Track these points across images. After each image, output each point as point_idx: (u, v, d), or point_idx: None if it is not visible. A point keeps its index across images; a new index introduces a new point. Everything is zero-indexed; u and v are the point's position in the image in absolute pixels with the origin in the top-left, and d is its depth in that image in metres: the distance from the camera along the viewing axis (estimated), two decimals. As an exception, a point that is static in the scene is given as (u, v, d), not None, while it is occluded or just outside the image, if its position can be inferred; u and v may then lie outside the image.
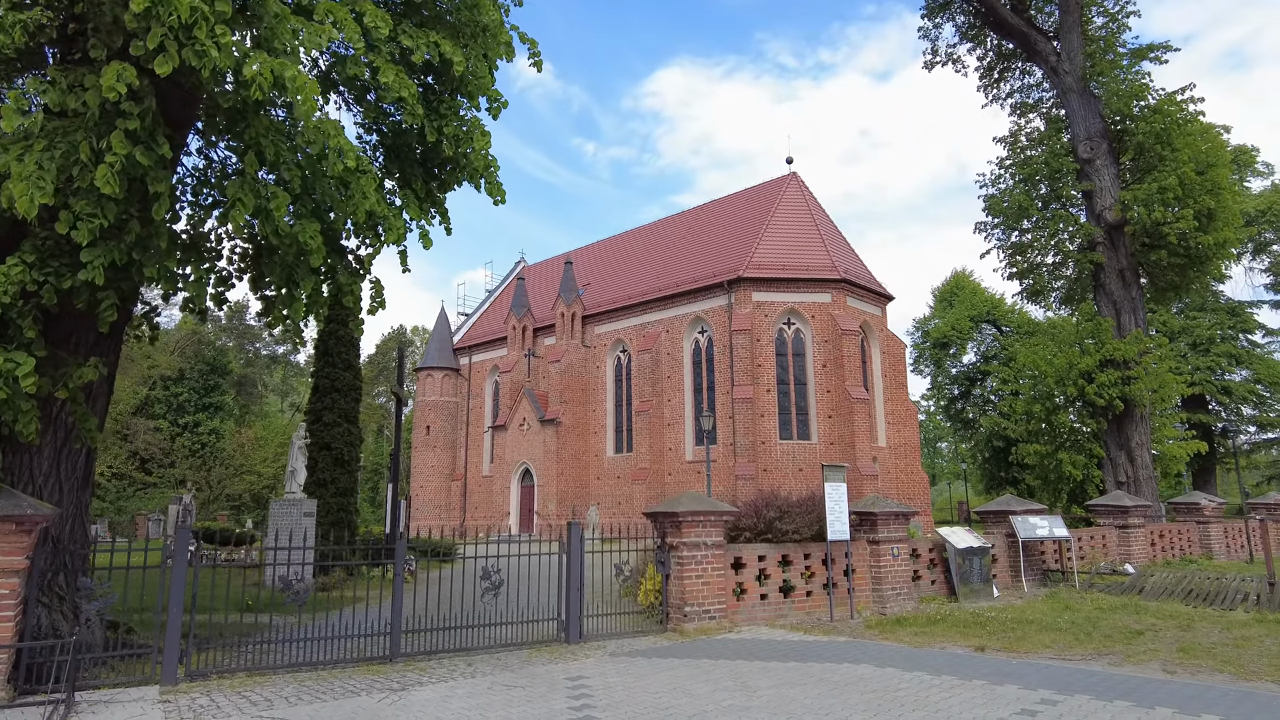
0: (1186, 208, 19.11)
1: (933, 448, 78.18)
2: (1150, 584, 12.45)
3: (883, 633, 9.97)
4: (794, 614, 11.05)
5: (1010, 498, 14.73)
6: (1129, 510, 16.59)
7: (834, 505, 11.07)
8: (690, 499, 10.39)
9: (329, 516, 17.46)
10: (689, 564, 10.08)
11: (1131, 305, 21.40)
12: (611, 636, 9.75)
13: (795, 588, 11.18)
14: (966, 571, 12.70)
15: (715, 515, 10.31)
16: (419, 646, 8.81)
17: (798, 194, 37.77)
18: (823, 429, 31.81)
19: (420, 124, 8.21)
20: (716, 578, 10.26)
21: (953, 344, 42.52)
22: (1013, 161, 23.47)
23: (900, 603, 11.76)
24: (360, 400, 19.01)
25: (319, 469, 17.80)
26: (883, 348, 34.76)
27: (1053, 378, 21.16)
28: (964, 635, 9.60)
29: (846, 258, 35.46)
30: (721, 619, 10.21)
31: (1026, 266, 23.39)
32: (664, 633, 10.04)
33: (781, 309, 32.98)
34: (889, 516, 11.90)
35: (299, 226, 7.00)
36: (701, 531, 10.21)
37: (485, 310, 50.26)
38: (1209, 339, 34.45)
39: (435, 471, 45.14)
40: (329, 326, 18.78)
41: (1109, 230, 21.61)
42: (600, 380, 38.64)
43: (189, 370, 53.92)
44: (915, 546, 12.81)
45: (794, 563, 11.25)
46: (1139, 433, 20.74)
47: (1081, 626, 9.96)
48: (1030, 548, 14.31)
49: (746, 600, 10.74)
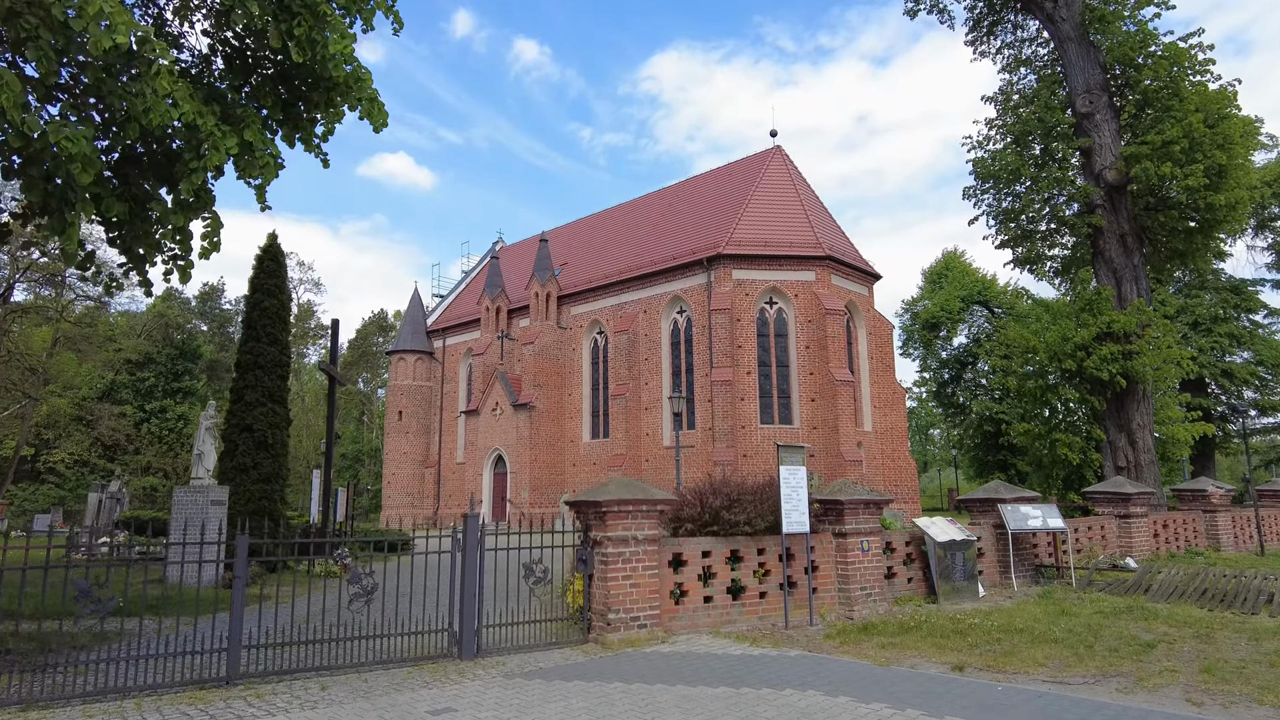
0: (1196, 163, 17.35)
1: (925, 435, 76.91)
2: (1158, 582, 10.86)
3: (844, 643, 8.38)
4: (744, 619, 9.45)
5: (999, 484, 13.11)
6: (1130, 498, 15.03)
7: (791, 492, 9.45)
8: (618, 485, 8.77)
9: (249, 505, 15.80)
10: (614, 562, 8.46)
11: (1133, 273, 19.59)
12: (519, 650, 8.13)
13: (746, 588, 9.57)
14: (948, 568, 11.11)
15: (648, 505, 8.69)
16: (271, 664, 7.19)
17: (782, 168, 36.02)
18: (805, 413, 30.25)
19: (260, 24, 6.51)
20: (648, 579, 8.64)
21: (943, 325, 40.82)
22: (1003, 121, 21.59)
23: (870, 605, 10.17)
24: (288, 378, 17.33)
25: (239, 453, 16.12)
26: (869, 328, 33.15)
27: (1045, 353, 19.46)
28: (940, 648, 8.00)
29: (832, 234, 33.78)
30: (654, 627, 8.60)
31: (1019, 233, 21.54)
32: (584, 644, 8.43)
33: (763, 288, 31.32)
34: (858, 505, 10.28)
35: (56, 129, 5.29)
36: (631, 524, 8.58)
37: (461, 292, 48.51)
38: (1211, 318, 32.85)
39: (408, 458, 43.52)
40: (254, 297, 17.11)
41: (1109, 191, 19.79)
42: (576, 363, 37.00)
43: (157, 354, 52.06)
44: (890, 539, 11.22)
45: (745, 559, 9.64)
46: (1140, 413, 19.03)
47: (1081, 636, 8.37)
48: (1021, 540, 12.73)
49: (687, 604, 9.14)
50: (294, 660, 7.24)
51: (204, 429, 14.04)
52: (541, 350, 36.49)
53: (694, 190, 39.53)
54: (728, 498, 9.61)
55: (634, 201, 43.77)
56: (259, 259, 17.41)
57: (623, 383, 33.80)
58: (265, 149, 6.92)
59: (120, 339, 51.67)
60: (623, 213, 43.19)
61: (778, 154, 36.69)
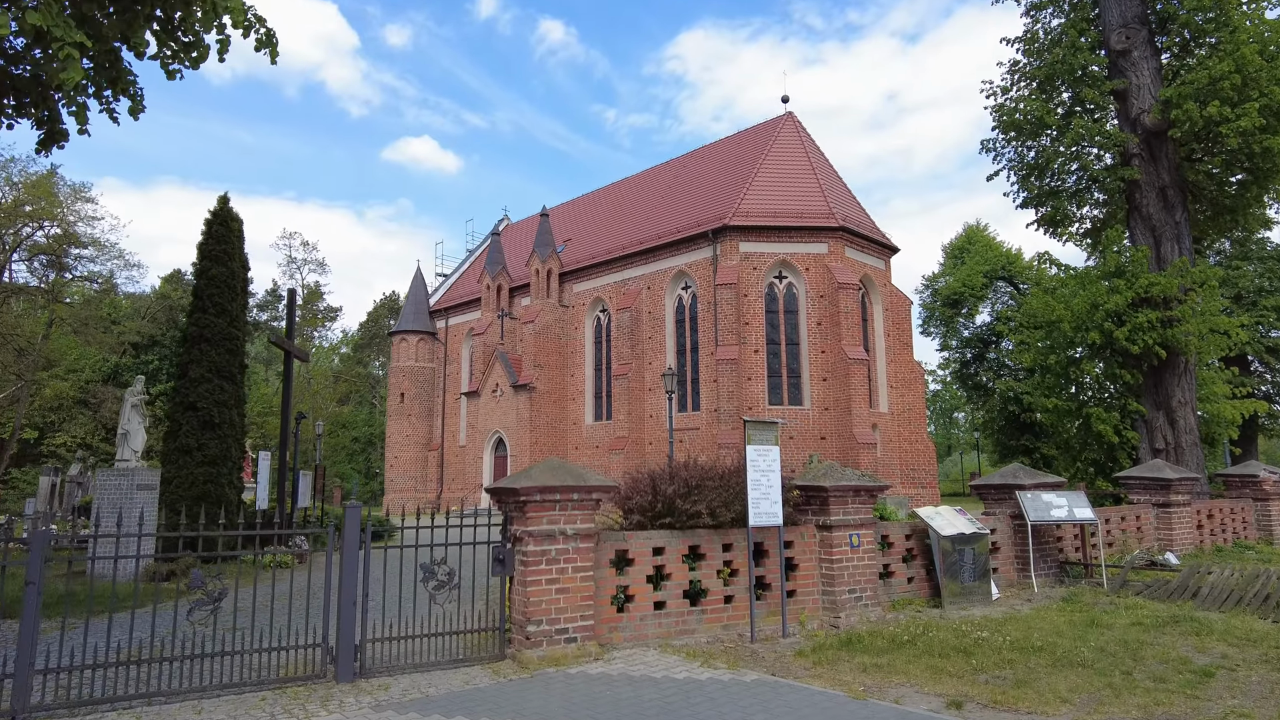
0: (1249, 101, 15.21)
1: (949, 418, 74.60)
2: (1208, 585, 9.11)
3: (818, 663, 6.79)
4: (704, 629, 7.89)
5: (1018, 467, 11.34)
6: (1171, 484, 13.21)
7: (760, 477, 7.83)
8: (545, 469, 7.21)
9: (193, 489, 14.50)
10: (535, 563, 6.93)
11: (1175, 231, 17.40)
12: (416, 669, 6.64)
13: (708, 591, 8.00)
14: (955, 565, 9.45)
15: (581, 493, 7.13)
16: (87, 691, 5.76)
17: (794, 136, 34.05)
18: (816, 393, 28.52)
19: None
20: (580, 582, 7.10)
21: (965, 303, 38.62)
22: (1027, 64, 19.35)
23: (860, 610, 8.56)
24: (240, 353, 15.97)
25: (183, 433, 14.81)
26: (886, 304, 31.24)
27: (1070, 322, 17.49)
28: (936, 672, 6.38)
29: (846, 204, 31.83)
30: (586, 641, 7.06)
31: (1043, 191, 19.42)
32: (499, 662, 6.92)
33: (772, 261, 29.52)
34: (845, 492, 8.64)
35: None
36: (559, 516, 7.04)
37: (465, 271, 47.15)
38: (1255, 290, 30.49)
39: (410, 441, 42.42)
40: (202, 265, 15.74)
41: (1147, 137, 17.66)
42: (579, 343, 35.49)
43: (161, 337, 51.37)
44: (886, 532, 9.56)
45: (708, 557, 8.06)
46: (1182, 389, 16.99)
47: (1116, 658, 6.70)
48: (1043, 533, 11.01)
49: (633, 611, 7.59)
50: (110, 688, 5.80)
51: (129, 406, 12.71)
52: (542, 329, 35.03)
53: (702, 161, 37.69)
54: (686, 483, 8.01)
55: (640, 175, 42.00)
56: (208, 223, 16.03)
57: (625, 362, 32.25)
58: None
59: (124, 321, 51.03)
60: (628, 186, 41.46)
61: (789, 121, 34.72)
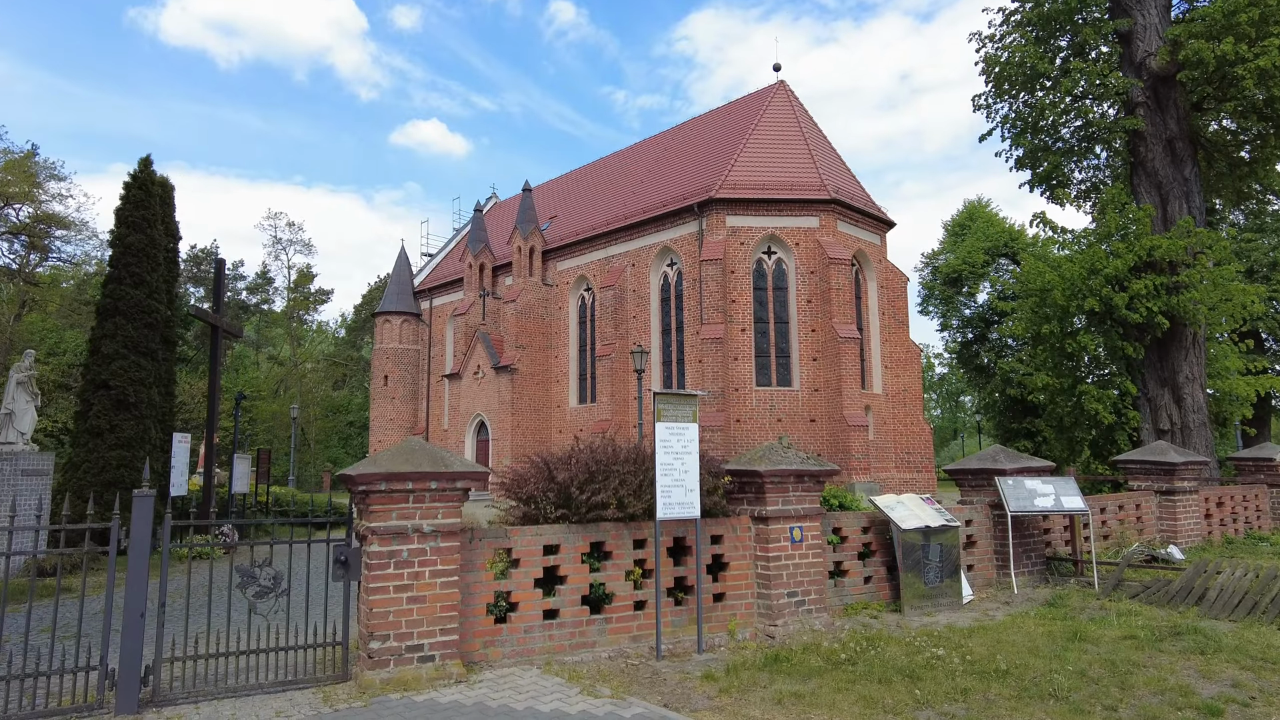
0: (1270, 38, 13.53)
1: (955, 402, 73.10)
2: (1216, 588, 7.74)
3: (727, 690, 5.49)
4: (608, 641, 6.60)
5: (998, 449, 9.94)
6: (1176, 469, 11.82)
7: (673, 460, 6.51)
8: (397, 452, 5.92)
9: (104, 475, 13.36)
10: (382, 566, 5.65)
11: (1183, 187, 15.76)
12: (231, 694, 5.38)
13: (614, 596, 6.71)
14: (919, 563, 8.12)
15: (443, 481, 5.83)
16: None
17: (785, 105, 32.48)
18: (806, 374, 27.16)
19: None
20: (441, 589, 5.81)
21: (965, 281, 37.01)
22: (1020, 8, 17.65)
23: (802, 617, 7.25)
24: (161, 329, 14.73)
25: (94, 414, 13.65)
26: (881, 281, 29.78)
27: (1062, 289, 15.87)
28: (870, 706, 5.06)
29: (839, 176, 30.30)
30: (448, 660, 5.78)
31: (1039, 148, 17.76)
32: (342, 684, 5.66)
33: (761, 235, 28.09)
34: (785, 478, 7.31)
35: None
36: (412, 510, 5.75)
37: (450, 250, 45.87)
38: (1269, 264, 28.81)
39: (394, 424, 41.30)
40: (118, 231, 14.51)
41: (1154, 83, 16.10)
42: (563, 323, 34.19)
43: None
44: (839, 524, 8.22)
45: (615, 555, 6.77)
46: (1189, 363, 15.44)
47: (1100, 686, 5.35)
48: (1026, 524, 9.65)
49: (518, 622, 6.30)
50: None
51: (14, 383, 11.49)
52: (524, 309, 33.72)
53: (690, 133, 36.17)
54: (586, 468, 6.69)
55: (628, 149, 40.50)
56: (126, 186, 14.78)
57: (609, 342, 30.93)
58: None
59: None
60: (617, 160, 39.99)
61: (780, 90, 33.13)
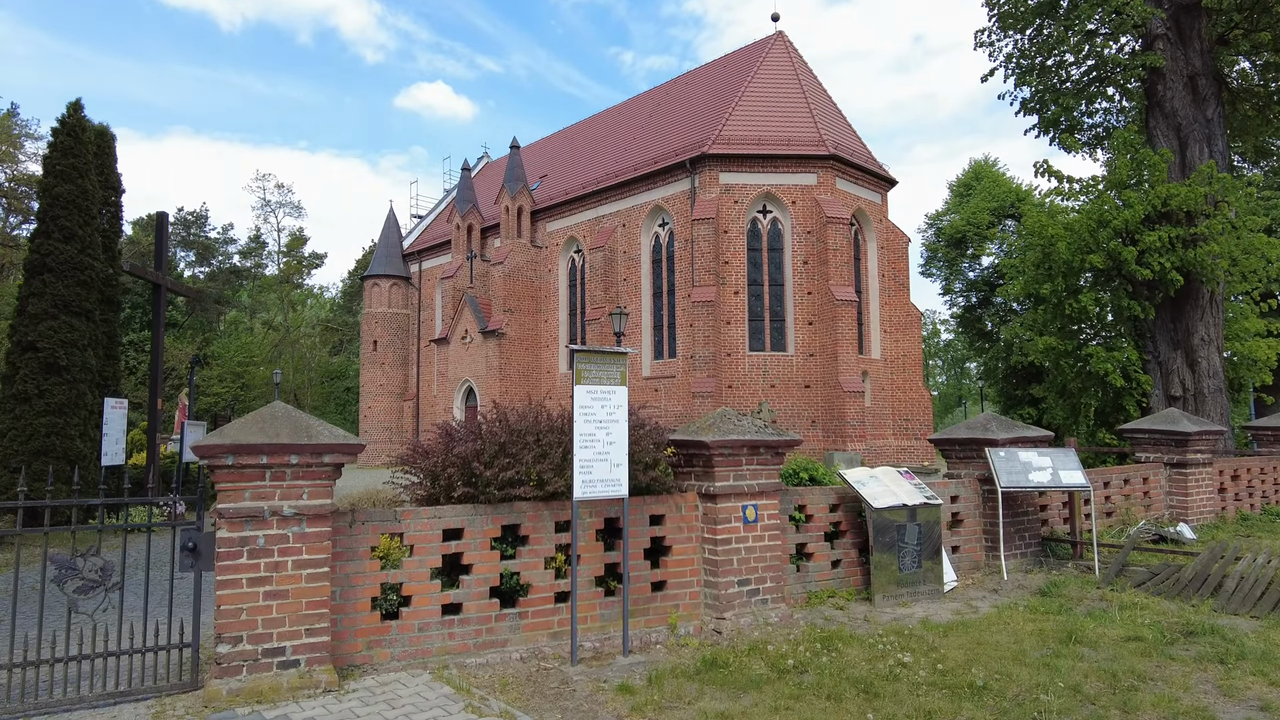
0: None
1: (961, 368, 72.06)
2: (1235, 576, 6.75)
3: (642, 708, 4.53)
4: (521, 639, 5.66)
5: (989, 417, 8.88)
6: (1189, 439, 10.77)
7: (596, 430, 5.51)
8: (252, 421, 4.93)
9: (32, 443, 12.49)
10: (234, 556, 4.69)
11: (1205, 129, 14.33)
12: (39, 711, 4.47)
13: (531, 587, 5.76)
14: (894, 545, 7.15)
15: (307, 454, 4.85)
16: None
17: (783, 57, 30.96)
18: (801, 338, 26.15)
19: None
20: (308, 582, 4.86)
21: (969, 242, 35.65)
22: None
23: (755, 609, 6.31)
24: (98, 287, 13.76)
25: (20, 378, 12.74)
26: (881, 241, 28.56)
27: (1068, 242, 14.54)
28: (807, 729, 4.12)
29: (839, 131, 28.91)
30: (315, 666, 4.85)
31: (1047, 89, 16.35)
32: (189, 694, 4.75)
33: (755, 193, 26.84)
34: (737, 449, 6.31)
35: None
36: (270, 489, 4.78)
37: (440, 212, 44.60)
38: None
39: (384, 390, 40.50)
40: (46, 182, 13.46)
41: (1176, 12, 14.69)
42: (553, 286, 33.11)
43: (132, 284, 49.48)
44: (804, 502, 7.24)
45: (532, 540, 5.81)
46: (1205, 324, 14.20)
47: (1098, 707, 4.39)
48: (1020, 501, 8.65)
49: (410, 619, 5.36)
50: None
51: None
52: (513, 271, 32.64)
53: (685, 87, 34.69)
54: (494, 440, 5.69)
55: (621, 105, 39.01)
56: (54, 132, 13.70)
57: (598, 305, 29.86)
58: None
59: (94, 267, 49.15)
60: (609, 116, 38.54)
61: (779, 41, 31.57)
